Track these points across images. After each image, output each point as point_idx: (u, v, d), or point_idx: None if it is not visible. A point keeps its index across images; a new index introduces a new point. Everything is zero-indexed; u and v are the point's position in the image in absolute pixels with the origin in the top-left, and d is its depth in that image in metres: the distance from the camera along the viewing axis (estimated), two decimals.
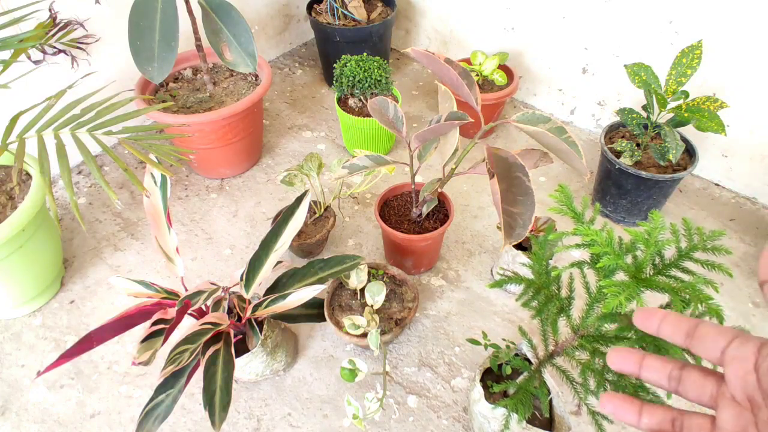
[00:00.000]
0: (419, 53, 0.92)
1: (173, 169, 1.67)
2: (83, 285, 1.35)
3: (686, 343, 0.33)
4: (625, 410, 0.35)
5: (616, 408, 0.35)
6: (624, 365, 0.35)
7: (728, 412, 0.30)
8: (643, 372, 0.35)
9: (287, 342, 1.14)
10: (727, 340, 0.31)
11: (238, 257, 1.41)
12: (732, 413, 0.30)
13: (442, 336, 1.23)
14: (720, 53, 1.39)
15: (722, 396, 0.31)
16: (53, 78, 1.47)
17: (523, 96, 1.92)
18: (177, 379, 0.91)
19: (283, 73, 2.08)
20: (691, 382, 0.33)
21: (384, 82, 1.53)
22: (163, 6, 1.24)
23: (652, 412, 0.34)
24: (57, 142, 0.89)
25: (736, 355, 0.30)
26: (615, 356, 0.36)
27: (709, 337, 0.32)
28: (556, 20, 1.66)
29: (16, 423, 1.10)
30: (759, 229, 1.47)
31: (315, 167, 1.28)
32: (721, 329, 0.31)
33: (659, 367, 0.34)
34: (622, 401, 0.35)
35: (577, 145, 0.85)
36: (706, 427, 0.32)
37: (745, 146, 1.49)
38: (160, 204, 0.97)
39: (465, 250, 1.42)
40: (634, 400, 0.35)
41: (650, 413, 0.34)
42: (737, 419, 0.29)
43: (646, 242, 0.56)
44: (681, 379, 0.33)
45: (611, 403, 0.35)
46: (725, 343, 0.31)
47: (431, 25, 2.04)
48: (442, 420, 1.09)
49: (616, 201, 1.43)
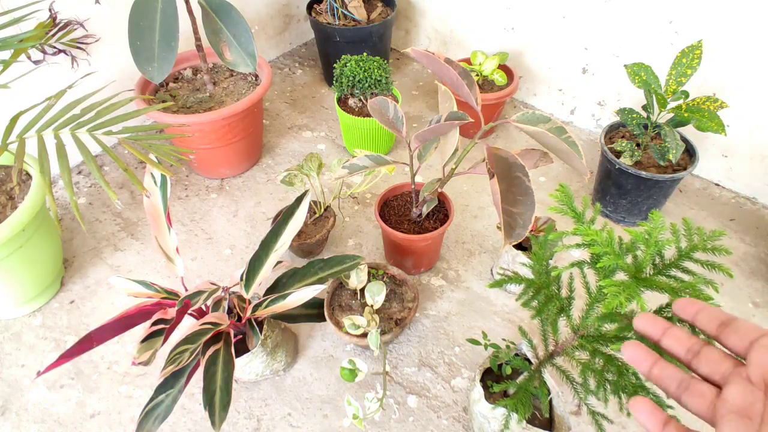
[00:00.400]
0: (419, 53, 0.92)
1: (173, 169, 1.67)
2: (83, 285, 1.35)
3: (717, 332, 0.34)
4: (641, 358, 0.37)
5: (634, 354, 0.37)
6: (649, 328, 0.37)
7: (738, 387, 0.31)
8: (665, 339, 0.37)
9: (287, 342, 1.14)
10: (760, 334, 0.33)
11: (238, 257, 1.41)
12: (742, 389, 0.31)
13: (442, 336, 1.23)
14: (720, 53, 1.39)
15: (737, 375, 0.32)
16: (53, 78, 1.47)
17: (523, 96, 1.92)
18: (177, 379, 0.91)
19: (283, 73, 2.08)
20: (708, 358, 0.34)
21: (384, 82, 1.53)
22: (163, 6, 1.24)
23: (664, 367, 0.36)
24: (57, 142, 0.89)
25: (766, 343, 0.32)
26: (643, 319, 0.38)
27: (743, 329, 0.33)
28: (556, 20, 1.66)
29: (16, 423, 1.10)
30: (759, 229, 1.47)
31: (315, 167, 1.28)
32: (756, 326, 0.33)
33: (683, 338, 0.36)
34: (641, 352, 0.37)
35: (577, 145, 0.85)
36: (709, 395, 0.33)
37: (745, 146, 1.49)
38: (160, 204, 0.97)
39: (465, 250, 1.42)
40: (652, 353, 0.37)
41: (662, 367, 0.36)
42: (746, 395, 0.31)
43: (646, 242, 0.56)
44: (700, 353, 0.35)
45: (630, 350, 0.37)
46: (758, 335, 0.33)
47: (431, 25, 2.04)
48: (442, 420, 1.09)
49: (616, 201, 1.43)
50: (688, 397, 0.34)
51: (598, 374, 0.69)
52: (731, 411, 0.31)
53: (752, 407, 0.31)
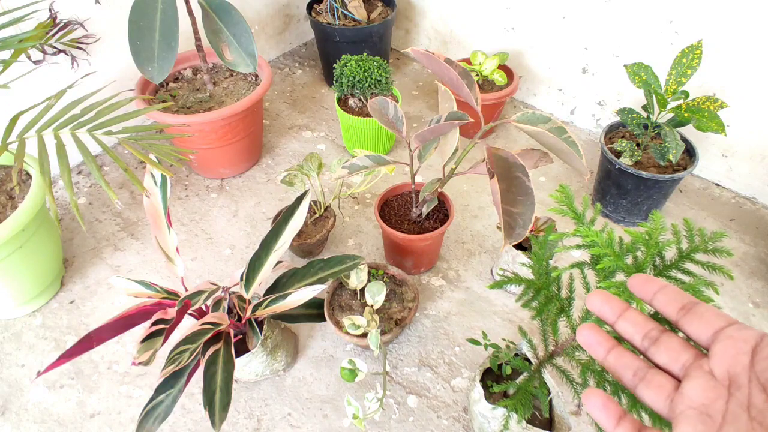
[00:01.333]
0: (419, 53, 0.92)
1: (173, 169, 1.67)
2: (83, 285, 1.35)
3: (677, 317, 0.31)
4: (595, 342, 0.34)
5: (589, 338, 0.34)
6: (602, 309, 0.34)
7: (699, 382, 0.29)
8: (621, 323, 0.33)
9: (287, 342, 1.14)
10: (726, 323, 0.30)
11: (238, 257, 1.41)
12: (704, 384, 0.29)
13: (442, 336, 1.23)
14: (720, 53, 1.39)
15: (698, 368, 0.30)
16: (53, 78, 1.47)
17: (523, 96, 1.92)
18: (177, 379, 0.91)
19: (283, 73, 2.08)
20: (668, 347, 0.31)
21: (384, 82, 1.53)
22: (163, 6, 1.24)
23: (620, 354, 0.33)
24: (57, 142, 0.89)
25: (734, 335, 0.29)
26: (596, 297, 0.34)
27: (707, 316, 0.30)
28: (556, 20, 1.66)
29: (16, 423, 1.10)
30: (759, 229, 1.47)
31: (315, 167, 1.28)
32: (721, 313, 0.30)
33: (640, 322, 0.33)
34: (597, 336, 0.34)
35: (577, 145, 0.85)
36: (667, 387, 0.30)
37: (745, 146, 1.49)
38: (160, 204, 0.97)
39: (465, 250, 1.42)
40: (608, 338, 0.34)
41: (618, 354, 0.33)
42: (707, 391, 0.28)
43: (647, 243, 0.56)
44: (658, 341, 0.32)
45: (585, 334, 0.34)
46: (723, 325, 0.30)
47: (431, 25, 2.04)
48: (442, 420, 1.09)
49: (616, 201, 1.43)
50: (644, 388, 0.31)
51: (598, 375, 0.69)
52: (690, 407, 0.28)
53: (713, 405, 0.28)
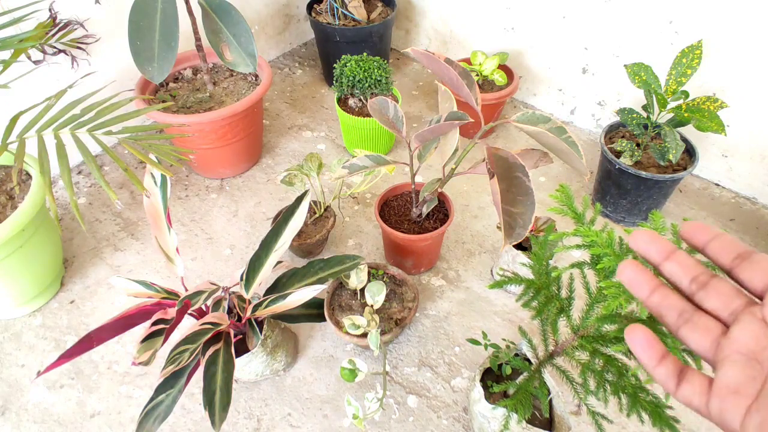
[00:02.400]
0: (419, 53, 0.92)
1: (173, 169, 1.67)
2: (83, 285, 1.35)
3: (732, 265, 0.30)
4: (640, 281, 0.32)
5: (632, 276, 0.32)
6: (648, 249, 0.32)
7: (751, 328, 0.28)
8: (668, 264, 0.31)
9: (287, 342, 1.14)
10: None
11: (238, 257, 1.41)
12: (755, 330, 0.27)
13: (442, 336, 1.23)
14: (720, 53, 1.39)
15: (750, 314, 0.28)
16: (53, 78, 1.47)
17: (523, 96, 1.92)
18: (177, 379, 0.91)
19: (283, 73, 2.08)
20: (718, 292, 0.30)
21: (384, 82, 1.53)
22: (163, 6, 1.24)
23: (665, 294, 0.31)
24: (57, 142, 0.89)
25: None
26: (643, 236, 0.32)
27: (763, 264, 0.28)
28: (556, 20, 1.66)
29: (16, 423, 1.10)
30: (759, 229, 1.47)
31: (315, 167, 1.28)
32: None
33: (690, 265, 0.31)
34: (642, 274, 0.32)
35: (577, 145, 0.85)
36: (714, 331, 0.29)
37: (745, 146, 1.49)
38: (160, 204, 0.97)
39: (465, 250, 1.42)
40: (653, 277, 0.32)
41: (663, 294, 0.31)
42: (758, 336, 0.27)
43: None
44: (707, 285, 0.30)
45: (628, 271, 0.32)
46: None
47: (431, 25, 2.04)
48: (442, 420, 1.09)
49: (616, 201, 1.43)
50: (689, 330, 0.30)
51: (598, 374, 0.69)
52: (737, 351, 0.27)
53: (763, 351, 0.27)
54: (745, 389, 0.26)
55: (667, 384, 0.30)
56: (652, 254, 0.32)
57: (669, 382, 0.30)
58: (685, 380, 0.30)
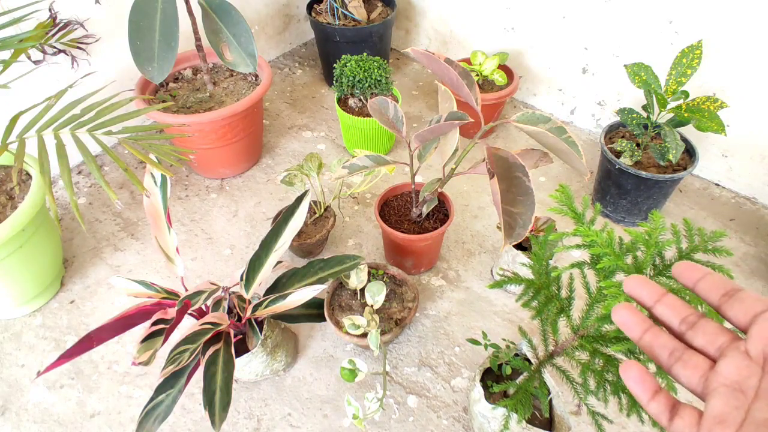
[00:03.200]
0: (419, 53, 0.92)
1: (173, 169, 1.67)
2: (83, 285, 1.35)
3: (720, 302, 0.32)
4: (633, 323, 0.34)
5: (626, 318, 0.34)
6: (641, 293, 0.34)
7: (735, 361, 0.30)
8: (659, 307, 0.34)
9: (287, 342, 1.14)
10: (765, 307, 0.30)
11: (238, 257, 1.41)
12: (739, 362, 0.30)
13: (442, 336, 1.23)
14: (720, 53, 1.39)
15: (734, 348, 0.30)
16: (53, 78, 1.47)
17: (523, 96, 1.92)
18: (177, 379, 0.91)
19: (283, 73, 2.08)
20: (705, 331, 0.32)
21: (384, 82, 1.53)
22: (163, 6, 1.24)
23: (656, 334, 0.34)
24: (57, 142, 0.89)
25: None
26: (635, 281, 0.35)
27: (748, 301, 0.31)
28: (556, 20, 1.66)
29: (16, 423, 1.10)
30: (759, 229, 1.47)
31: (315, 167, 1.28)
32: (762, 298, 0.31)
33: (679, 307, 0.33)
34: (634, 316, 0.34)
35: (577, 145, 0.85)
36: (702, 367, 0.31)
37: (745, 146, 1.49)
38: (160, 204, 0.97)
39: (465, 250, 1.42)
40: (645, 318, 0.34)
41: (655, 334, 0.34)
42: (741, 369, 0.29)
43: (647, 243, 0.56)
44: (696, 325, 0.33)
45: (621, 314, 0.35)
46: (763, 308, 0.30)
47: (431, 25, 2.04)
48: (442, 420, 1.09)
49: (616, 201, 1.43)
50: (680, 368, 0.32)
51: (598, 374, 0.69)
52: (723, 384, 0.29)
53: (746, 381, 0.29)
54: (730, 418, 0.28)
55: (660, 418, 0.32)
56: (644, 298, 0.35)
57: (662, 416, 0.32)
58: (678, 415, 0.32)
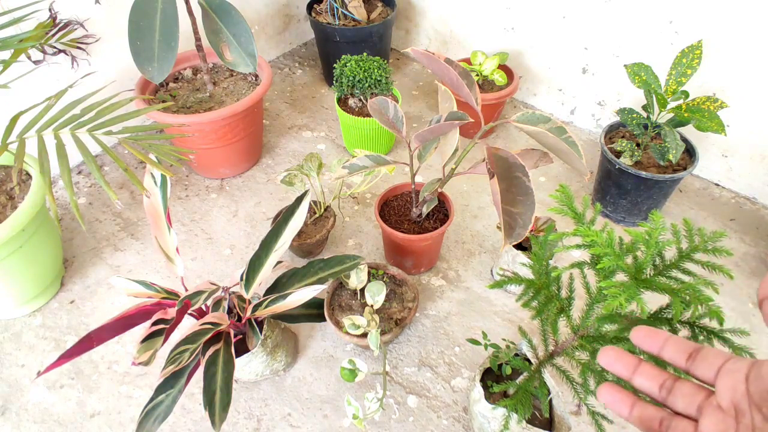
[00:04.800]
0: (419, 53, 0.92)
1: (173, 169, 1.67)
2: (83, 285, 1.35)
3: (687, 365, 0.34)
4: (619, 401, 0.36)
5: (611, 398, 0.36)
6: (617, 367, 0.37)
7: (712, 417, 0.32)
8: (637, 377, 0.36)
9: (287, 342, 1.14)
10: (725, 359, 0.33)
11: (238, 257, 1.41)
12: (715, 418, 0.32)
13: (442, 336, 1.23)
14: (720, 53, 1.39)
15: (709, 404, 0.33)
16: (53, 78, 1.47)
17: (523, 96, 1.92)
18: (177, 379, 0.91)
19: (283, 73, 2.08)
20: (683, 393, 0.34)
21: (384, 82, 1.53)
22: (163, 6, 1.24)
23: (643, 408, 0.35)
24: (57, 142, 0.89)
25: (730, 368, 0.32)
26: (608, 355, 0.37)
27: (710, 357, 0.33)
28: (556, 20, 1.66)
29: (16, 423, 1.10)
30: (759, 229, 1.47)
31: (315, 167, 1.28)
32: (721, 352, 0.34)
33: (655, 375, 0.36)
34: (619, 394, 0.36)
35: (577, 145, 0.85)
36: (689, 430, 0.33)
37: (745, 146, 1.49)
38: (160, 204, 0.97)
39: (465, 250, 1.42)
40: (629, 395, 0.36)
41: (642, 408, 0.36)
42: (719, 423, 0.31)
43: (647, 243, 0.56)
44: (673, 389, 0.35)
45: (607, 394, 0.37)
46: (723, 361, 0.33)
47: (431, 25, 2.04)
48: (442, 420, 1.09)
49: (616, 201, 1.43)
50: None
51: (598, 374, 0.69)
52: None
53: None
54: None
55: None
56: (620, 371, 0.37)
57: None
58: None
